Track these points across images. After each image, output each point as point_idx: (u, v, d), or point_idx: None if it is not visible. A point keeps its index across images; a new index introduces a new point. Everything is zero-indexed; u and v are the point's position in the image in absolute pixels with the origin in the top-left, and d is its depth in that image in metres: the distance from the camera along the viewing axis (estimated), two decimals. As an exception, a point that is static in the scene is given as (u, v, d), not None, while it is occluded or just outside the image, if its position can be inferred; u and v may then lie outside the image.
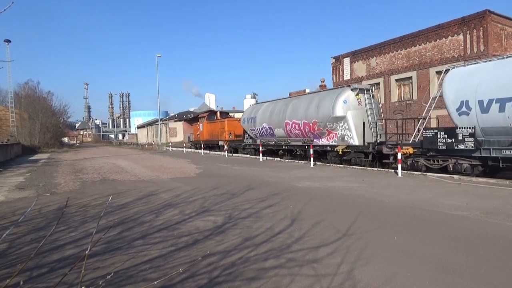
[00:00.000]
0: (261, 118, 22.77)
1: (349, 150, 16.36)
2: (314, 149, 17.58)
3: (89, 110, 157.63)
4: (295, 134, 19.74)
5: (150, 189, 10.83)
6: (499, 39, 24.18)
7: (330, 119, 16.83)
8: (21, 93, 52.40)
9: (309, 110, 18.30)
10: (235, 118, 32.06)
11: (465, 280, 3.79)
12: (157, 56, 45.63)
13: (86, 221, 6.90)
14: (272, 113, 21.60)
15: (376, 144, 15.25)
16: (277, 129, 21.17)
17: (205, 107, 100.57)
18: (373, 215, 6.79)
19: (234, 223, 6.40)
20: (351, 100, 16.56)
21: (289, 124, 19.84)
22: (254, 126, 23.59)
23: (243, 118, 25.28)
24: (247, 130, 24.98)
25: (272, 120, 21.47)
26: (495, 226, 5.82)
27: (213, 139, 31.95)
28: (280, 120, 20.69)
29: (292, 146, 20.50)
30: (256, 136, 24.02)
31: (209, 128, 33.07)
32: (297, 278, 3.92)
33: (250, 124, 24.14)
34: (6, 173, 17.13)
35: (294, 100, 20.56)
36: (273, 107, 21.89)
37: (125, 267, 4.36)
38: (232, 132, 29.16)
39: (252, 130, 24.09)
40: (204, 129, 34.05)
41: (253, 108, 25.24)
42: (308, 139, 18.94)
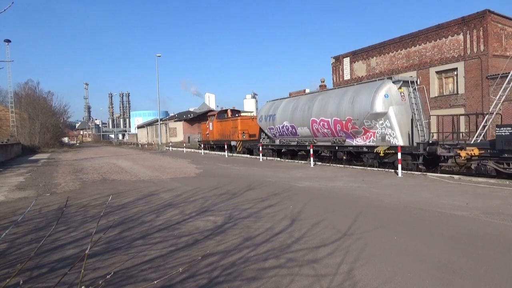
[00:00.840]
0: (281, 116, 20.61)
1: (391, 152, 14.17)
2: (346, 150, 16.20)
3: (89, 110, 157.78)
4: (322, 133, 17.64)
5: (150, 189, 10.83)
6: (499, 39, 24.18)
7: (368, 116, 14.82)
8: (21, 93, 52.45)
9: (341, 106, 16.17)
10: (248, 116, 29.90)
11: (465, 280, 3.79)
12: (157, 56, 45.61)
13: (86, 221, 6.90)
14: (294, 110, 19.40)
15: (428, 145, 13.15)
16: (300, 128, 18.99)
17: (205, 107, 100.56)
18: (373, 215, 6.79)
19: (234, 223, 6.40)
20: (393, 94, 14.61)
21: (316, 122, 17.72)
22: (273, 124, 21.46)
23: (260, 116, 23.19)
24: (264, 129, 22.81)
25: (295, 118, 19.30)
26: (495, 226, 5.82)
27: (224, 139, 29.31)
28: (304, 118, 18.51)
29: (319, 146, 18.32)
30: (275, 136, 21.85)
31: (220, 127, 30.42)
32: (297, 278, 3.92)
33: (268, 123, 21.98)
34: (6, 173, 17.13)
35: (321, 95, 18.35)
36: (296, 103, 19.68)
37: (125, 267, 4.36)
38: (246, 132, 26.78)
39: (270, 129, 21.97)
40: (214, 129, 31.43)
41: (271, 105, 22.73)
42: (339, 139, 16.83)
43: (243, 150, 25.92)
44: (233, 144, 27.33)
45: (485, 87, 23.19)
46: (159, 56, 45.67)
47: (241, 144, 25.76)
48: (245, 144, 25.99)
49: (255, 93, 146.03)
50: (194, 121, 66.71)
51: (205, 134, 33.97)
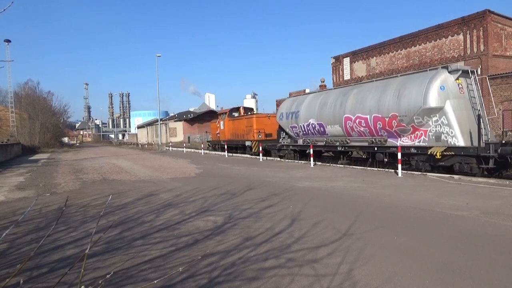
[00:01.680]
0: (306, 113, 18.44)
1: (450, 153, 12.01)
2: (388, 152, 14.26)
3: (89, 110, 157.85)
4: (358, 132, 15.52)
5: (150, 189, 10.83)
6: (499, 39, 24.19)
7: (420, 112, 12.71)
8: (21, 93, 52.49)
9: (383, 101, 14.14)
10: (264, 114, 27.19)
11: (465, 280, 3.79)
12: (157, 56, 45.64)
13: (86, 221, 6.90)
14: (323, 107, 17.29)
15: (501, 145, 10.99)
16: (330, 126, 16.89)
17: (205, 107, 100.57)
18: (373, 215, 6.79)
19: (234, 223, 6.40)
20: (450, 85, 12.56)
21: (351, 119, 15.59)
22: (296, 122, 19.26)
23: (280, 113, 21.05)
24: (285, 127, 20.67)
25: (324, 115, 17.15)
26: (495, 226, 5.82)
27: (237, 139, 26.98)
28: (335, 114, 16.41)
29: (353, 147, 16.18)
30: (297, 135, 19.69)
31: (232, 126, 27.88)
32: (297, 278, 3.92)
33: (290, 121, 19.84)
34: (6, 173, 17.13)
35: (355, 88, 16.13)
36: (324, 98, 17.60)
37: (125, 267, 4.36)
38: (262, 131, 24.47)
39: (293, 128, 19.78)
40: (225, 128, 28.77)
41: (293, 101, 20.61)
42: (379, 139, 14.84)
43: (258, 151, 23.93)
44: (248, 145, 24.87)
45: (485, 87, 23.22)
46: (159, 56, 45.72)
47: (257, 144, 23.35)
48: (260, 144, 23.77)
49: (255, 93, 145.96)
50: (194, 121, 66.76)
51: (215, 134, 31.24)
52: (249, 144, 24.71)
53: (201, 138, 57.35)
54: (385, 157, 14.66)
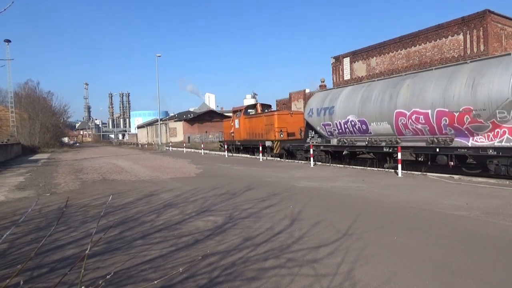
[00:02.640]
0: (344, 109, 16.16)
1: None
2: (455, 154, 12.00)
3: (89, 110, 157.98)
4: (414, 130, 13.23)
5: (151, 189, 10.83)
6: (499, 39, 24.18)
7: (506, 105, 10.57)
8: (21, 93, 52.51)
9: (450, 92, 11.97)
10: (286, 111, 25.16)
11: (465, 280, 3.79)
12: (157, 56, 45.63)
13: (86, 221, 6.90)
14: (365, 101, 15.02)
15: None
16: (375, 123, 14.64)
17: (205, 107, 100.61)
18: (373, 215, 6.79)
19: (234, 223, 6.40)
20: None
21: (404, 115, 13.35)
22: (330, 120, 16.94)
23: (309, 109, 18.52)
24: (315, 125, 18.22)
25: (367, 111, 14.91)
26: (495, 226, 5.82)
27: (254, 139, 24.54)
28: (383, 110, 14.18)
29: (404, 148, 13.49)
30: (331, 134, 17.34)
31: (248, 125, 25.34)
32: (297, 278, 3.92)
33: (322, 118, 17.49)
34: (6, 173, 17.13)
35: (409, 78, 13.89)
36: (367, 91, 15.30)
37: (125, 267, 4.36)
38: (284, 130, 22.13)
39: (325, 126, 17.43)
40: (241, 126, 26.20)
41: (325, 95, 18.14)
42: (443, 138, 12.55)
43: (281, 152, 21.59)
44: (268, 145, 22.45)
45: None
46: (159, 56, 45.71)
47: (278, 144, 21.29)
48: (284, 145, 21.33)
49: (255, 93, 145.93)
50: (194, 121, 66.77)
51: (229, 133, 28.57)
52: (270, 144, 22.31)
53: (201, 138, 57.36)
54: (450, 161, 12.27)
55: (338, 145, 17.04)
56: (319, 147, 18.07)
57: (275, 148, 21.72)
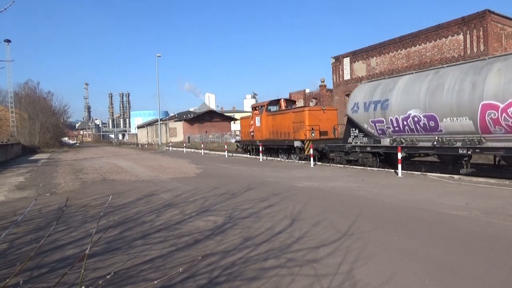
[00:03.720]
0: (403, 101, 13.41)
1: None
2: None
3: (89, 110, 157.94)
4: (509, 127, 10.55)
5: (150, 189, 10.83)
6: (499, 39, 24.19)
7: None
8: (21, 93, 52.50)
9: None
10: (318, 107, 22.11)
11: (465, 280, 3.79)
12: (157, 56, 45.63)
13: (86, 221, 6.90)
14: (435, 91, 12.30)
15: None
16: (449, 118, 11.94)
17: (205, 107, 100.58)
18: (373, 215, 6.79)
19: (234, 223, 6.40)
20: None
21: (496, 107, 10.67)
22: (383, 115, 14.23)
23: (353, 103, 15.74)
24: (361, 123, 15.45)
25: (437, 104, 12.15)
26: (495, 226, 5.82)
27: (279, 139, 21.70)
28: (462, 102, 11.47)
29: (490, 149, 11.13)
30: (382, 133, 14.63)
31: (272, 122, 22.48)
32: (297, 278, 3.92)
33: (371, 113, 14.71)
34: (6, 173, 17.13)
35: (498, 62, 11.11)
36: (435, 79, 12.53)
37: (125, 267, 4.36)
38: (316, 128, 19.26)
39: (375, 123, 14.72)
40: (262, 125, 23.27)
41: (375, 85, 15.18)
42: None
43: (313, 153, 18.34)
44: (297, 145, 19.62)
45: None
46: (159, 56, 45.71)
47: (310, 144, 18.37)
48: (316, 145, 18.48)
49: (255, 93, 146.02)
50: (194, 121, 66.78)
51: (247, 133, 25.37)
52: (299, 144, 19.57)
53: (201, 138, 57.35)
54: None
55: (392, 145, 14.18)
56: (365, 148, 15.28)
57: (306, 149, 18.89)
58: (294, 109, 21.49)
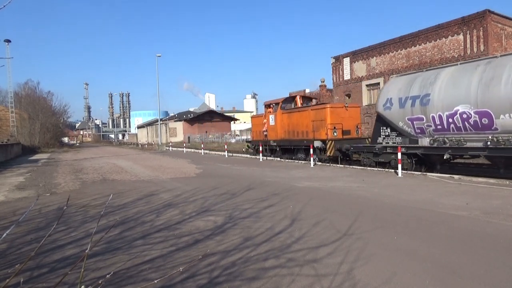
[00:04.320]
0: (448, 96, 11.91)
1: None
2: None
3: (89, 110, 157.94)
4: None
5: (150, 189, 10.83)
6: (499, 39, 24.19)
7: None
8: (21, 93, 52.49)
9: None
10: (340, 104, 20.48)
11: (465, 280, 3.79)
12: (157, 56, 45.64)
13: (86, 221, 6.90)
14: (489, 84, 10.79)
15: None
16: (507, 115, 10.45)
17: (205, 107, 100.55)
18: (373, 215, 6.79)
19: (234, 223, 6.40)
20: None
21: None
22: (423, 112, 12.70)
23: (386, 99, 14.13)
24: (394, 120, 13.91)
25: (493, 98, 10.69)
26: (495, 226, 5.82)
27: (297, 138, 20.10)
28: None
29: None
30: (421, 132, 13.03)
31: (288, 121, 20.92)
32: (297, 278, 3.92)
33: (407, 110, 13.25)
34: (6, 173, 17.13)
35: None
36: (490, 70, 11.03)
37: (126, 267, 4.36)
38: (338, 126, 17.70)
39: (413, 121, 13.19)
40: (277, 124, 21.69)
41: (412, 79, 13.64)
42: None
43: (334, 153, 17.35)
44: (317, 145, 18.02)
45: None
46: (159, 56, 45.71)
47: (332, 145, 17.17)
48: (339, 145, 17.12)
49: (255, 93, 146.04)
50: (194, 121, 66.78)
51: (260, 132, 23.82)
52: (319, 144, 18.01)
53: (201, 138, 57.36)
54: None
55: (433, 146, 12.64)
56: (397, 147, 13.54)
57: (328, 150, 17.39)
58: (313, 106, 19.68)
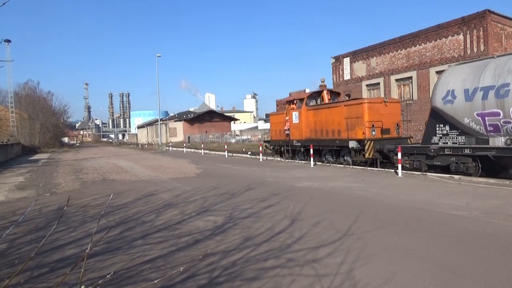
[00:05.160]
0: None
1: None
2: None
3: (89, 110, 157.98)
4: None
5: (150, 189, 10.83)
6: (499, 39, 24.18)
7: None
8: (21, 93, 52.48)
9: None
10: (379, 99, 18.35)
11: (465, 280, 3.79)
12: (157, 56, 45.63)
13: (86, 221, 6.90)
14: None
15: None
16: None
17: (205, 107, 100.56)
18: (373, 215, 6.79)
19: (235, 223, 6.40)
20: None
21: None
22: (500, 106, 10.71)
23: (446, 91, 12.28)
24: (457, 117, 11.94)
25: None
26: (495, 226, 5.82)
27: (326, 138, 17.67)
28: None
29: None
30: (495, 130, 11.12)
31: (315, 118, 18.48)
32: (297, 278, 3.92)
33: (477, 103, 11.27)
34: (6, 173, 17.13)
35: None
36: None
37: (126, 267, 4.36)
38: (377, 125, 15.47)
39: (484, 117, 11.21)
40: (302, 121, 19.21)
41: (481, 66, 11.64)
42: None
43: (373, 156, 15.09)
44: (353, 146, 15.72)
45: None
46: (159, 56, 45.71)
47: (372, 145, 14.96)
48: (378, 144, 15.07)
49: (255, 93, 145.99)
50: (194, 121, 66.78)
51: (281, 131, 21.44)
52: (354, 145, 15.63)
53: (201, 138, 57.35)
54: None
55: (510, 146, 10.66)
56: (462, 150, 11.64)
57: (367, 151, 14.97)
58: (347, 102, 17.29)
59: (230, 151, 27.64)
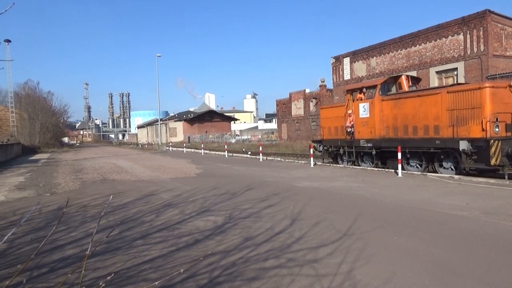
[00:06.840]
0: None
1: None
2: None
3: (89, 110, 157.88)
4: None
5: (150, 189, 10.83)
6: (499, 39, 24.19)
7: None
8: (21, 93, 52.46)
9: None
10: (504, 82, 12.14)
11: (465, 280, 3.79)
12: (157, 56, 45.65)
13: (86, 221, 6.90)
14: None
15: None
16: None
17: (205, 107, 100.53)
18: (373, 215, 6.79)
19: (235, 223, 6.40)
20: None
21: None
22: None
23: None
24: None
25: None
26: (495, 226, 5.83)
27: (416, 137, 12.93)
28: None
29: None
30: None
31: (397, 111, 13.75)
32: (297, 278, 3.92)
33: None
34: (6, 173, 17.13)
35: None
36: None
37: (126, 267, 4.36)
38: (502, 118, 10.96)
39: None
40: (375, 115, 14.54)
41: None
42: None
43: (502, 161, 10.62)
44: (464, 148, 11.15)
45: (485, 87, 23.27)
46: (159, 56, 45.74)
47: (499, 147, 10.53)
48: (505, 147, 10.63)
49: (255, 93, 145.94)
50: (194, 121, 66.82)
51: (339, 128, 16.53)
52: (466, 146, 11.15)
53: (201, 138, 57.37)
54: None
55: None
56: None
57: (494, 156, 10.50)
58: (452, 88, 12.39)
59: (230, 151, 27.65)
